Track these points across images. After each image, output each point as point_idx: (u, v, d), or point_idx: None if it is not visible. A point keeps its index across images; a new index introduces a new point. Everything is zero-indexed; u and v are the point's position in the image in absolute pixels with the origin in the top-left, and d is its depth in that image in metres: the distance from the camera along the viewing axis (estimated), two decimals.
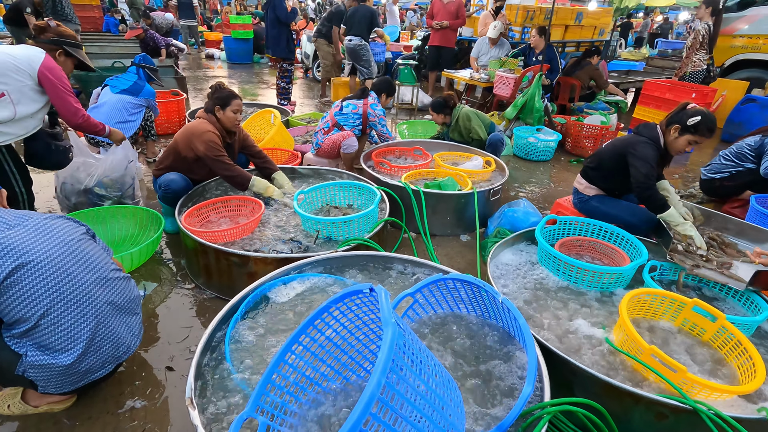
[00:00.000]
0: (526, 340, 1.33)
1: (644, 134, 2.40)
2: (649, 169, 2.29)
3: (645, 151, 2.31)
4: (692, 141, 2.29)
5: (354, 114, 3.57)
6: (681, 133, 2.28)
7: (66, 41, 2.35)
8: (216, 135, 2.55)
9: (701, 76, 5.74)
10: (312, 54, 8.68)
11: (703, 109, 2.26)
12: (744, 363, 1.64)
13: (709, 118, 2.23)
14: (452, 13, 6.31)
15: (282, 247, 2.27)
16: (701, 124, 2.21)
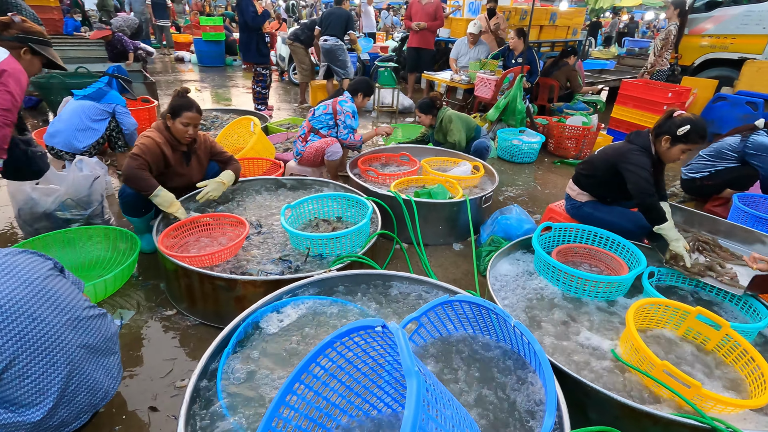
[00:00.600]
0: (544, 369, 1.25)
1: (636, 143, 2.36)
2: (648, 175, 2.25)
3: (640, 159, 2.28)
4: (685, 149, 2.26)
5: (325, 114, 3.42)
6: (673, 144, 2.24)
7: (32, 38, 2.14)
8: (153, 142, 2.35)
9: (665, 74, 5.90)
10: (287, 56, 8.48)
11: (690, 117, 2.23)
12: (753, 372, 1.62)
13: (699, 124, 2.20)
14: (430, 14, 6.26)
15: (271, 267, 2.14)
16: (692, 132, 2.18)
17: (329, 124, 3.44)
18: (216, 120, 4.88)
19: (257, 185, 3.04)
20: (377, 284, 1.96)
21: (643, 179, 2.23)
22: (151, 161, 2.33)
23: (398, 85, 6.29)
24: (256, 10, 5.19)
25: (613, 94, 7.77)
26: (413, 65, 6.84)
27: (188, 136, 2.44)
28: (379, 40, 11.34)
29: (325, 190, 3.04)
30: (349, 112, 3.41)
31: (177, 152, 2.51)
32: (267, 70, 5.69)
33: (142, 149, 2.31)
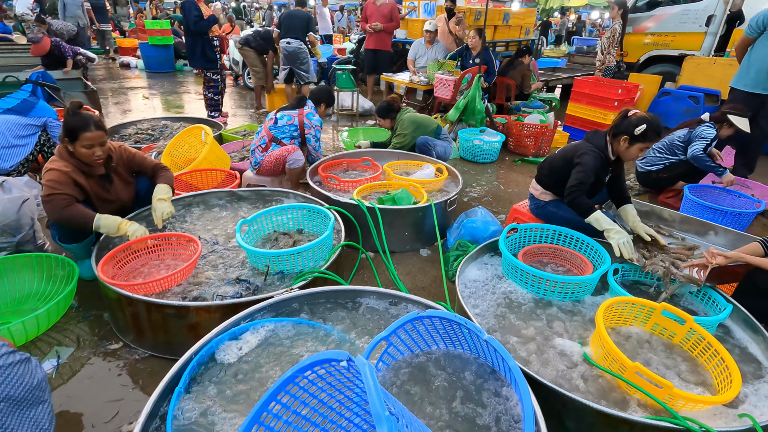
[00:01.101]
0: (520, 386, 1.19)
1: (593, 142, 2.38)
2: (585, 177, 2.28)
3: (586, 160, 2.30)
4: (643, 148, 2.27)
5: (290, 126, 3.28)
6: (631, 143, 2.26)
7: None
8: (62, 174, 2.04)
9: (612, 71, 6.14)
10: (241, 60, 8.19)
11: (645, 116, 2.24)
12: (718, 365, 1.64)
13: (654, 122, 2.21)
14: (386, 15, 6.20)
15: (227, 289, 1.99)
16: (648, 131, 2.19)
17: (293, 135, 3.31)
18: (165, 129, 4.60)
19: (211, 199, 2.86)
20: (344, 300, 1.86)
21: (576, 180, 2.27)
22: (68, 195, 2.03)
23: (357, 88, 6.19)
24: (201, 14, 4.94)
25: (567, 91, 8.02)
26: (371, 67, 6.76)
27: (97, 158, 2.11)
28: (335, 42, 11.19)
29: (285, 201, 2.90)
30: (318, 126, 3.35)
31: (93, 178, 2.19)
32: (218, 76, 5.44)
33: (53, 187, 1.98)
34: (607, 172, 2.44)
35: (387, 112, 3.84)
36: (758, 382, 1.65)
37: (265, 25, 12.21)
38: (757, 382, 1.66)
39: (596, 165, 2.30)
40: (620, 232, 2.18)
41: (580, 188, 2.28)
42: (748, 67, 3.81)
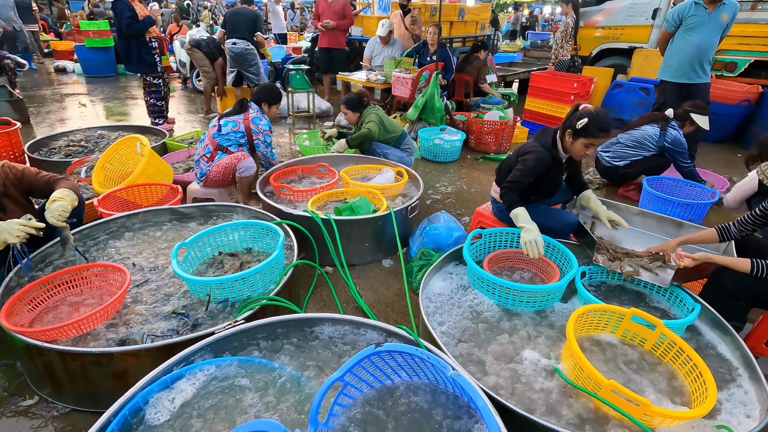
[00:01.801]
0: (489, 426, 1.05)
1: (539, 141, 2.27)
2: (521, 176, 2.19)
3: (528, 160, 2.20)
4: (587, 144, 2.12)
5: (235, 132, 3.02)
6: (575, 138, 2.14)
7: None
8: None
9: (566, 65, 6.22)
10: (188, 62, 7.74)
11: (590, 110, 2.10)
12: (691, 371, 1.58)
13: (598, 117, 2.06)
14: (338, 12, 5.99)
15: (162, 325, 1.75)
16: (590, 125, 2.05)
17: (240, 143, 3.05)
18: (101, 140, 4.20)
19: (148, 218, 2.58)
20: (298, 330, 1.67)
21: (512, 177, 2.20)
22: None
23: (313, 88, 5.95)
24: (134, 15, 4.55)
25: (524, 85, 8.09)
26: (326, 66, 6.53)
27: None
28: (290, 41, 10.84)
29: (233, 217, 2.66)
30: (266, 130, 3.09)
31: None
32: (159, 80, 5.06)
33: None
34: (560, 170, 2.34)
35: (357, 105, 3.59)
36: (732, 387, 1.60)
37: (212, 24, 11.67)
38: (731, 386, 1.60)
39: (538, 166, 2.18)
40: (530, 231, 2.08)
41: (513, 186, 2.19)
42: (670, 59, 3.99)
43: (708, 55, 3.88)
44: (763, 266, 1.75)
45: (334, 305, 2.33)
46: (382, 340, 1.61)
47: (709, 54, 3.89)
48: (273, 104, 3.21)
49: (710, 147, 5.33)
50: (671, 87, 4.06)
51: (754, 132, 5.28)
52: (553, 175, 2.32)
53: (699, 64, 3.89)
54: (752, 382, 1.59)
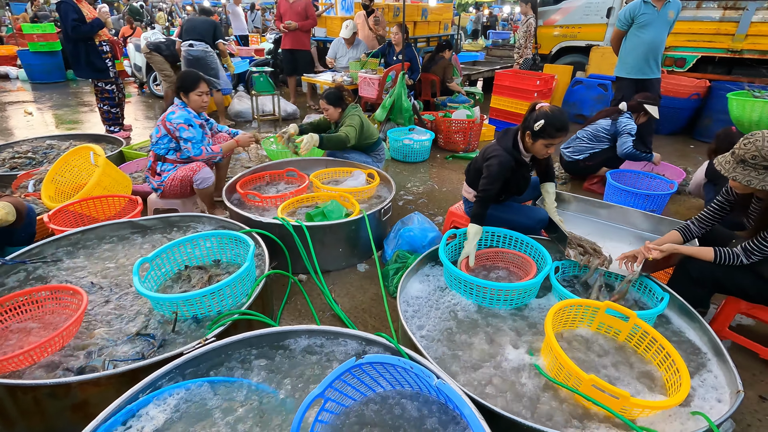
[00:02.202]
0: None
1: (500, 144, 2.27)
2: (488, 185, 2.20)
3: (491, 167, 2.21)
4: (547, 144, 2.12)
5: (161, 138, 2.77)
6: (534, 139, 2.15)
7: None
8: None
9: (529, 63, 6.37)
10: (145, 65, 7.41)
11: (546, 111, 2.10)
12: (664, 360, 1.62)
13: (554, 118, 2.06)
14: (300, 13, 5.88)
15: (125, 349, 1.63)
16: (546, 126, 2.06)
17: (170, 147, 2.81)
18: (50, 151, 3.93)
19: (105, 233, 2.42)
20: (274, 345, 1.59)
21: (483, 188, 2.21)
22: None
23: (278, 91, 5.81)
24: (81, 17, 4.28)
25: (488, 84, 8.23)
26: (290, 68, 6.40)
27: None
28: (252, 43, 10.59)
29: (199, 227, 2.54)
30: (182, 123, 2.74)
31: None
32: (112, 86, 4.80)
33: None
34: (527, 169, 2.35)
35: (338, 100, 3.35)
36: (703, 372, 1.65)
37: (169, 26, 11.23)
38: (702, 372, 1.66)
39: (501, 171, 2.19)
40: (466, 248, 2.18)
41: (483, 196, 2.20)
42: (626, 56, 4.16)
43: (659, 51, 4.06)
44: (725, 254, 1.82)
45: (310, 315, 2.26)
46: (362, 349, 1.57)
47: (660, 50, 4.07)
48: (190, 91, 2.79)
49: (665, 139, 5.58)
50: (627, 83, 4.22)
51: (704, 124, 5.57)
52: (521, 175, 2.34)
53: (653, 60, 4.07)
54: (721, 366, 1.65)
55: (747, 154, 1.65)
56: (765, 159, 1.61)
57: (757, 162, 1.62)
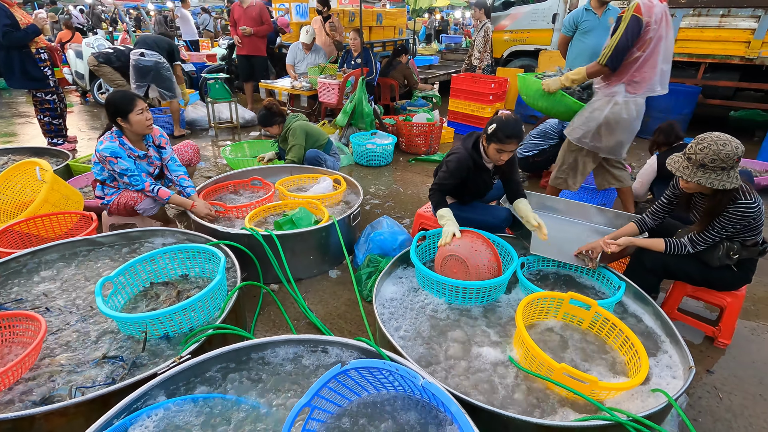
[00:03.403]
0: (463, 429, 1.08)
1: (463, 144, 2.38)
2: (443, 179, 2.33)
3: (450, 162, 2.33)
4: (498, 149, 2.18)
5: (96, 165, 2.56)
6: (487, 142, 2.22)
7: None
8: None
9: (490, 69, 6.60)
10: (87, 73, 7.00)
11: (500, 117, 2.17)
12: (624, 343, 1.74)
13: (505, 124, 2.12)
14: (255, 18, 5.78)
15: (93, 374, 1.55)
16: (497, 131, 2.14)
17: (106, 176, 2.60)
18: None
19: (59, 253, 2.28)
20: (252, 357, 1.57)
21: (438, 180, 2.35)
22: None
23: (235, 98, 5.68)
24: (15, 23, 3.97)
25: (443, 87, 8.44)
26: (247, 74, 6.28)
27: None
28: (203, 48, 10.27)
29: (162, 242, 2.44)
30: (109, 156, 2.40)
31: None
32: (53, 96, 4.49)
33: None
34: (489, 175, 2.43)
35: (271, 119, 3.43)
36: (658, 353, 1.80)
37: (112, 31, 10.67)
38: (658, 352, 1.80)
39: (459, 167, 2.30)
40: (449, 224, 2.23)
41: (437, 187, 2.35)
42: (573, 61, 4.42)
43: None
44: (674, 244, 1.99)
45: (285, 324, 2.23)
46: (342, 354, 1.58)
47: None
48: (129, 113, 2.42)
49: None
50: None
51: (643, 121, 5.98)
52: (481, 180, 2.41)
53: None
54: (674, 345, 1.80)
55: (706, 159, 1.77)
56: (723, 161, 1.75)
57: (716, 165, 1.76)
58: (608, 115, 2.78)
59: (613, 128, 2.82)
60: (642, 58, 2.60)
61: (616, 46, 2.56)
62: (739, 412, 1.84)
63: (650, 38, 2.54)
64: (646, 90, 2.71)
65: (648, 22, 2.51)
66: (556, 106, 3.07)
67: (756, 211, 1.84)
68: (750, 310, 2.49)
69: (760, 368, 2.08)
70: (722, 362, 2.12)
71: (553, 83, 2.92)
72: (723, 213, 1.87)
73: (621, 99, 2.74)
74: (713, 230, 1.91)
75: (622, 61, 2.63)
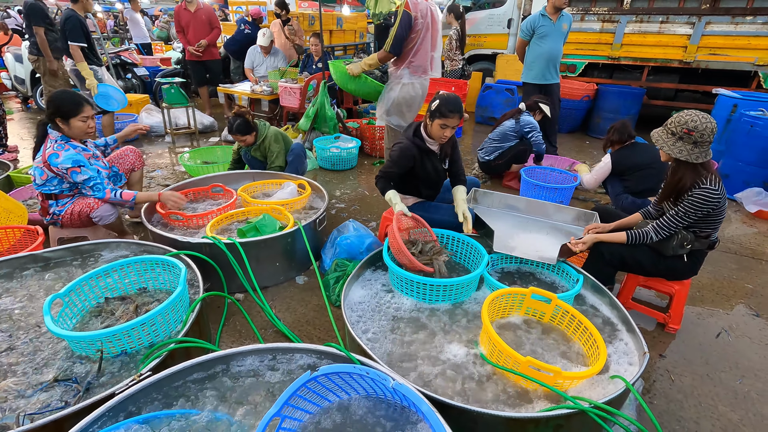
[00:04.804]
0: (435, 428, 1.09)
1: (404, 134, 2.52)
2: (388, 167, 2.45)
3: (393, 152, 2.45)
4: (441, 124, 2.29)
5: (49, 180, 2.39)
6: (431, 119, 2.32)
7: None
8: None
9: (458, 73, 6.71)
10: (28, 77, 6.57)
11: (441, 93, 2.31)
12: (583, 333, 1.82)
13: (447, 98, 2.26)
14: (205, 22, 5.62)
15: (42, 398, 1.45)
16: (441, 106, 2.25)
17: (65, 188, 2.45)
18: None
19: (2, 270, 2.12)
20: (219, 370, 1.52)
21: (383, 170, 2.45)
22: None
23: (192, 102, 5.50)
24: None
25: None
26: (200, 78, 6.08)
27: None
28: (156, 51, 9.89)
29: (117, 254, 2.32)
30: (71, 167, 2.31)
31: None
32: None
33: None
34: (435, 159, 2.52)
35: (249, 127, 3.35)
36: (615, 341, 1.89)
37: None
38: (614, 341, 1.89)
39: (402, 156, 2.40)
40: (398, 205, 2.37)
41: (382, 175, 2.44)
42: (531, 64, 4.62)
43: (557, 59, 4.55)
44: (636, 235, 2.11)
45: (252, 334, 2.18)
46: (312, 361, 1.56)
47: (558, 58, 4.56)
48: (71, 117, 2.34)
49: (565, 137, 6.22)
50: (532, 88, 4.68)
51: (595, 122, 6.31)
52: (431, 165, 2.50)
53: (552, 67, 4.54)
54: (629, 333, 1.90)
55: (678, 128, 1.92)
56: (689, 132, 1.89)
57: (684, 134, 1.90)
58: (399, 94, 3.37)
59: (410, 105, 3.43)
60: (416, 47, 3.18)
61: (395, 36, 3.10)
62: (689, 392, 1.97)
63: (419, 29, 3.12)
64: (425, 72, 3.34)
65: (416, 16, 3.07)
66: (362, 87, 3.67)
67: (717, 200, 1.93)
68: (696, 297, 2.67)
69: (706, 350, 2.23)
70: (673, 346, 2.25)
71: (355, 67, 3.47)
72: (687, 197, 1.97)
73: (407, 80, 3.31)
74: (677, 216, 2.01)
75: (401, 47, 3.19)
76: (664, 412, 1.87)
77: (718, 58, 5.43)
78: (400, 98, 3.37)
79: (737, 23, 5.19)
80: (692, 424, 1.82)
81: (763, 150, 3.87)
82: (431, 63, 3.36)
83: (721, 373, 2.08)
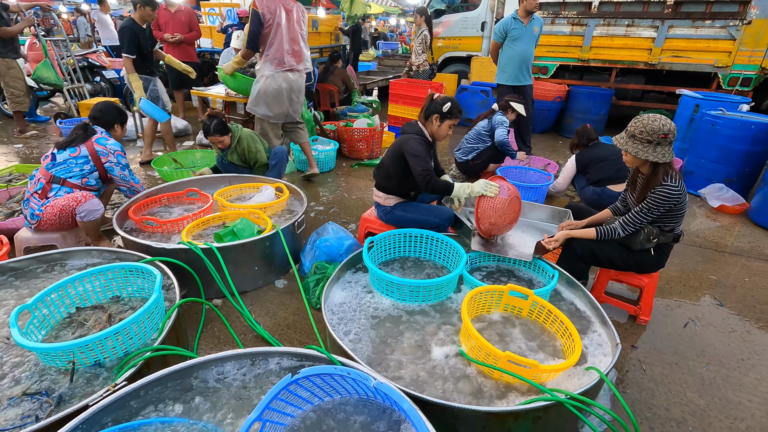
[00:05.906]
0: (417, 426, 1.10)
1: (410, 131, 2.56)
2: (424, 162, 2.43)
3: (415, 147, 2.46)
4: (451, 124, 2.51)
5: (76, 158, 2.56)
6: (441, 120, 2.49)
7: None
8: None
9: (428, 74, 6.81)
10: None
11: (448, 96, 2.51)
12: (559, 327, 1.87)
13: (455, 101, 2.51)
14: (184, 23, 5.53)
15: (10, 414, 1.39)
16: (452, 107, 2.46)
17: (84, 170, 2.59)
18: None
19: None
20: (198, 377, 1.49)
21: (421, 166, 2.42)
22: None
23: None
24: None
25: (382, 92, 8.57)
26: (177, 82, 5.97)
27: None
28: None
29: (88, 262, 2.25)
30: (118, 150, 2.72)
31: None
32: None
33: None
34: (433, 150, 2.66)
35: (226, 127, 3.32)
36: (589, 333, 1.95)
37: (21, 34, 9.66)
38: (589, 333, 1.95)
39: (423, 148, 2.48)
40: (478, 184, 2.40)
41: (429, 173, 2.42)
42: (504, 66, 4.72)
43: (530, 61, 4.66)
44: (605, 231, 2.19)
45: (231, 340, 2.15)
46: (294, 364, 1.55)
47: (530, 60, 4.67)
48: (123, 124, 2.91)
49: (538, 137, 6.38)
50: (506, 89, 4.77)
51: (566, 122, 6.49)
52: (433, 155, 2.61)
53: (525, 69, 4.65)
54: (602, 325, 1.96)
55: (636, 131, 2.01)
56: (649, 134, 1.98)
57: (643, 137, 2.00)
58: (262, 86, 3.60)
59: (276, 97, 3.64)
60: (269, 40, 3.44)
61: (249, 33, 3.38)
62: (660, 381, 2.05)
63: (270, 25, 3.38)
64: (285, 65, 3.57)
65: (263, 13, 3.34)
66: (239, 84, 4.06)
67: (677, 196, 2.04)
68: (665, 289, 2.78)
69: (674, 339, 2.33)
70: (644, 337, 2.34)
71: (227, 67, 3.85)
72: (650, 194, 2.06)
73: (268, 73, 3.55)
74: (641, 212, 2.10)
75: (257, 43, 3.44)
76: (637, 401, 1.94)
77: (680, 60, 5.67)
78: (263, 90, 3.60)
79: (697, 27, 5.44)
80: (663, 410, 1.89)
81: (724, 147, 4.06)
82: (294, 56, 3.61)
83: (689, 361, 2.17)
